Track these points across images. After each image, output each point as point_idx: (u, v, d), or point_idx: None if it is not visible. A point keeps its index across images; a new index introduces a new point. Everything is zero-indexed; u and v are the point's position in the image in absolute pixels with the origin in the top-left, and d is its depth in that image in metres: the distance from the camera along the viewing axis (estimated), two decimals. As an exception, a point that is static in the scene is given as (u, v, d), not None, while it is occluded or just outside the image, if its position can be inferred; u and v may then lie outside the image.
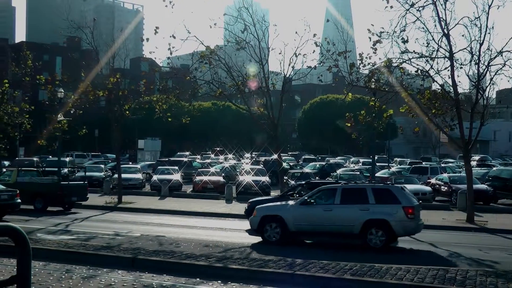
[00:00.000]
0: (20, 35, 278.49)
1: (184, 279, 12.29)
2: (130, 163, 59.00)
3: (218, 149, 75.43)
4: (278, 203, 21.03)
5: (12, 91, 37.43)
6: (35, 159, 51.45)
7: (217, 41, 33.33)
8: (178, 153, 76.29)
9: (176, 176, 41.83)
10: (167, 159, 56.93)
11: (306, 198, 19.42)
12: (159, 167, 46.21)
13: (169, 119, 31.16)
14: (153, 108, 31.33)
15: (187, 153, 76.20)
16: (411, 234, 18.81)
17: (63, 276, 12.28)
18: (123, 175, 36.14)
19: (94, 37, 32.54)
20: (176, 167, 45.67)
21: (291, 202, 19.99)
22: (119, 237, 18.57)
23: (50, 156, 55.61)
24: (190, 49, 31.55)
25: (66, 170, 45.00)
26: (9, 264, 13.44)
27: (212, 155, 72.53)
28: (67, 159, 52.79)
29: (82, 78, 33.53)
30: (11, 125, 35.28)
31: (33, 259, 3.21)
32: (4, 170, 36.46)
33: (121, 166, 35.75)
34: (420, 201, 20.91)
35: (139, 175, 43.12)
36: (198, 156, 69.91)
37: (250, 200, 24.67)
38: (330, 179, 36.80)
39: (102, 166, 49.33)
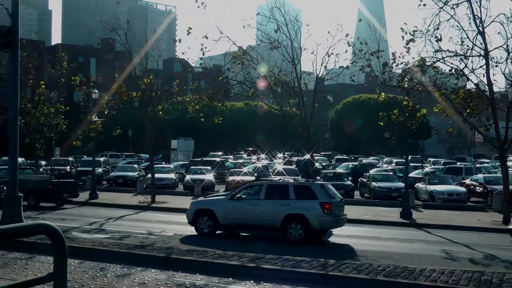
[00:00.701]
0: (56, 38, 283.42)
1: (217, 278, 12.34)
2: (164, 163, 59.46)
3: (250, 149, 75.56)
4: (211, 198, 22.33)
5: (48, 93, 38.12)
6: (70, 159, 52.23)
7: (250, 41, 33.42)
8: (211, 153, 76.62)
9: (209, 176, 42.00)
10: (200, 159, 57.21)
11: (233, 193, 20.77)
12: (192, 167, 46.45)
13: (202, 120, 31.33)
14: (186, 108, 31.55)
15: (220, 153, 76.48)
16: (328, 228, 19.82)
17: (98, 274, 12.44)
18: (157, 175, 36.44)
19: (127, 38, 32.90)
20: (209, 167, 45.87)
21: (222, 198, 21.27)
22: (152, 236, 18.74)
23: (85, 156, 56.35)
24: (222, 49, 31.69)
25: (100, 170, 45.63)
26: (46, 261, 13.68)
27: (245, 155, 72.66)
28: (102, 159, 53.39)
29: (116, 79, 33.92)
30: (47, 126, 35.91)
31: (68, 257, 3.27)
32: (41, 169, 37.23)
33: (155, 166, 36.06)
34: (342, 199, 21.33)
35: (172, 175, 43.43)
36: (231, 156, 70.10)
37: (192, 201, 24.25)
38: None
39: (136, 166, 49.81)
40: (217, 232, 20.13)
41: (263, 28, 30.98)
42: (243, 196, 20.33)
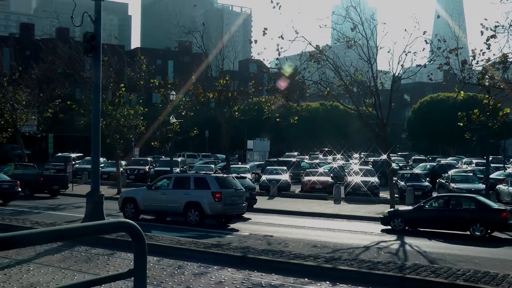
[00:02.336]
0: (135, 42, 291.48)
1: (293, 278, 12.34)
2: (240, 163, 60.00)
3: (326, 149, 75.11)
4: (134, 188, 27.61)
5: (128, 95, 39.17)
6: (149, 159, 53.56)
7: (325, 41, 33.16)
8: (287, 153, 76.65)
9: (285, 176, 42.05)
10: (275, 159, 57.35)
11: (150, 183, 25.46)
12: (268, 167, 46.63)
13: (278, 120, 31.43)
14: (262, 108, 31.73)
15: (296, 153, 76.42)
16: (219, 214, 22.71)
17: (176, 272, 12.70)
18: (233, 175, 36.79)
19: (204, 40, 33.44)
20: (285, 167, 45.92)
21: (143, 188, 25.44)
22: (228, 235, 18.96)
23: (163, 156, 57.68)
24: (298, 49, 31.66)
25: (178, 169, 46.55)
26: (126, 258, 14.10)
27: (320, 155, 72.30)
28: (179, 159, 54.49)
29: (193, 81, 34.50)
30: (127, 127, 36.93)
31: (148, 254, 3.36)
32: (121, 169, 38.42)
33: (231, 166, 36.43)
34: (240, 189, 23.91)
35: (248, 175, 43.76)
36: (306, 156, 69.93)
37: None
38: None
39: (213, 166, 50.49)
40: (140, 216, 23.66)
41: (338, 27, 30.72)
42: (156, 186, 24.40)
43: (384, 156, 31.52)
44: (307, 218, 26.65)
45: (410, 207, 24.42)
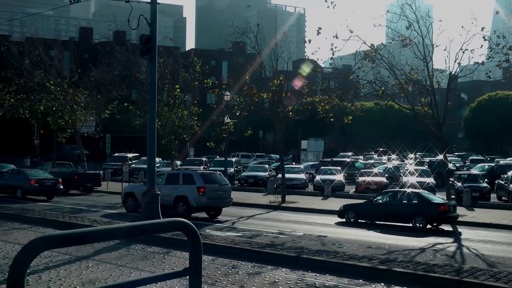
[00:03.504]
0: (189, 43, 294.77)
1: (347, 280, 12.27)
2: (294, 163, 59.90)
3: (381, 149, 74.22)
4: (134, 184, 31.01)
5: (183, 96, 39.69)
6: (203, 159, 54.11)
7: (380, 40, 32.80)
8: (341, 153, 76.15)
9: (339, 177, 41.79)
10: (329, 160, 57.06)
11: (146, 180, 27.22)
12: (322, 167, 46.46)
13: (332, 120, 31.25)
14: (316, 108, 31.59)
15: (350, 153, 75.82)
16: (205, 207, 24.96)
17: (230, 271, 12.80)
18: (287, 175, 36.81)
19: (257, 41, 33.53)
20: (339, 168, 45.66)
21: (141, 184, 28.86)
22: (282, 235, 18.98)
23: (218, 157, 58.17)
24: (352, 48, 31.40)
25: (232, 170, 46.90)
26: (181, 256, 14.30)
27: (375, 156, 71.48)
28: (233, 159, 54.86)
29: (247, 81, 34.66)
30: (181, 127, 37.41)
31: (203, 253, 3.42)
32: (176, 169, 38.89)
33: (285, 166, 36.45)
34: (225, 185, 26.05)
35: (302, 175, 43.69)
36: (361, 157, 69.26)
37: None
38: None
39: (267, 166, 50.63)
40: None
41: (393, 25, 30.30)
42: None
43: (440, 156, 30.92)
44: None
45: (362, 201, 27.11)
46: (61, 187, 33.39)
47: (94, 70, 50.64)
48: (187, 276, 3.33)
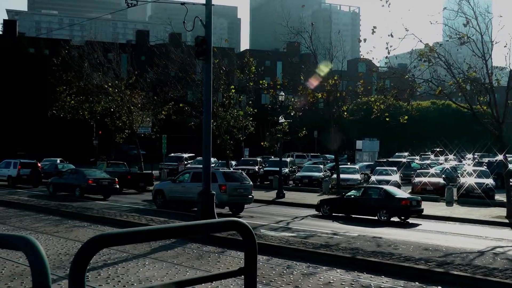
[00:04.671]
0: (244, 44, 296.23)
1: (403, 282, 12.10)
2: (348, 163, 59.46)
3: (437, 149, 72.86)
4: (163, 182, 31.44)
5: (238, 96, 39.93)
6: (258, 159, 54.29)
7: (436, 38, 32.19)
8: (397, 153, 75.13)
9: (395, 177, 41.24)
10: (385, 160, 56.38)
11: (174, 178, 29.92)
12: (377, 168, 45.94)
13: (387, 119, 30.87)
14: (371, 108, 31.29)
15: (406, 153, 74.73)
16: (226, 203, 26.11)
17: (284, 271, 12.81)
18: (342, 176, 36.59)
19: (312, 41, 33.44)
20: (395, 168, 45.06)
21: (169, 181, 29.43)
22: (337, 236, 18.87)
23: (272, 157, 58.26)
24: (408, 47, 30.85)
25: (287, 170, 46.88)
26: (236, 256, 14.40)
27: (432, 156, 70.24)
28: (288, 159, 54.83)
29: (301, 81, 34.60)
30: (236, 128, 37.65)
31: (258, 253, 3.44)
32: (231, 169, 39.19)
33: (340, 166, 36.21)
34: (246, 183, 27.30)
35: (357, 176, 43.33)
36: (417, 157, 68.16)
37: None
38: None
39: (321, 166, 50.42)
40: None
41: (450, 23, 29.68)
42: (179, 180, 28.26)
43: (500, 157, 30.11)
44: (417, 220, 25.97)
45: (336, 197, 29.58)
46: (117, 186, 34.26)
47: (150, 71, 51.50)
48: (242, 276, 3.36)
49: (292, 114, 35.64)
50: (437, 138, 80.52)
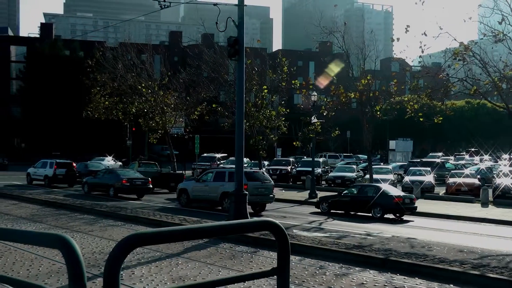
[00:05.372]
0: (276, 44, 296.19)
1: (437, 284, 11.95)
2: (382, 163, 58.99)
3: (472, 149, 71.81)
4: (187, 181, 32.20)
5: (270, 96, 39.94)
6: (291, 159, 54.23)
7: (471, 36, 31.72)
8: (430, 153, 74.34)
9: (428, 178, 40.78)
10: (419, 160, 55.81)
11: (198, 177, 30.98)
12: (410, 168, 45.52)
13: (421, 119, 30.51)
14: (404, 108, 30.98)
15: (440, 153, 73.88)
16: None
17: (317, 272, 12.77)
18: (375, 176, 36.30)
19: (344, 40, 33.26)
20: (428, 168, 44.57)
21: (193, 181, 30.61)
22: (370, 237, 18.73)
23: (305, 157, 58.14)
24: (442, 46, 30.45)
25: (319, 170, 46.73)
26: (269, 256, 14.41)
27: (467, 156, 69.25)
28: (321, 159, 54.66)
29: (334, 81, 34.43)
30: (269, 128, 37.65)
31: (290, 253, 3.44)
32: (264, 169, 39.29)
33: (373, 166, 35.94)
34: (267, 182, 27.94)
35: (390, 176, 42.96)
36: (451, 157, 67.31)
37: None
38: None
39: (354, 166, 50.14)
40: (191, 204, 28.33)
41: (485, 20, 29.18)
42: (202, 179, 29.12)
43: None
44: (452, 222, 25.66)
45: (334, 194, 30.88)
46: (151, 186, 34.60)
47: (183, 72, 51.82)
48: (275, 276, 3.36)
49: (324, 114, 35.46)
50: (472, 138, 79.43)
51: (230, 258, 14.23)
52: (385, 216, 26.19)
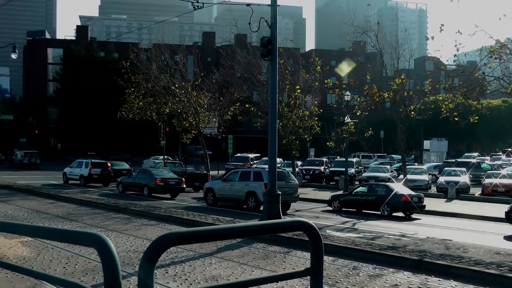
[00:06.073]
0: (309, 44, 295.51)
1: (472, 286, 11.77)
2: (416, 164, 58.36)
3: (509, 149, 70.56)
4: (213, 180, 32.16)
5: (303, 96, 39.86)
6: (324, 159, 54.03)
7: (508, 33, 31.15)
8: (466, 154, 73.28)
9: (464, 178, 40.21)
10: (454, 160, 55.07)
11: (224, 176, 30.95)
12: (445, 168, 44.96)
13: (456, 119, 30.12)
14: (439, 108, 30.61)
15: (475, 154, 72.79)
16: None
17: (350, 273, 12.70)
18: (409, 176, 35.96)
19: (378, 40, 33.01)
20: (464, 169, 43.95)
21: (219, 180, 30.54)
22: (404, 238, 18.55)
23: (338, 157, 57.86)
24: (477, 44, 30.00)
25: (353, 170, 46.47)
26: (302, 256, 14.37)
27: (503, 156, 68.07)
28: (354, 159, 54.35)
29: (368, 81, 34.20)
30: (302, 128, 37.58)
31: (323, 254, 3.43)
32: (297, 169, 39.21)
33: (407, 167, 35.60)
34: (291, 182, 28.27)
35: (425, 177, 42.50)
36: (487, 157, 66.23)
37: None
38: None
39: (388, 166, 49.73)
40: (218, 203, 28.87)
41: (524, 19, 28.66)
42: (228, 178, 29.44)
43: None
44: (489, 223, 25.25)
45: (345, 192, 31.82)
46: (184, 185, 34.82)
47: (216, 72, 52.10)
48: (308, 276, 3.36)
49: (358, 114, 35.27)
50: (509, 138, 78.00)
51: (263, 258, 14.24)
52: (394, 214, 26.81)
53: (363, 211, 28.10)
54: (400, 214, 27.30)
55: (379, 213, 26.97)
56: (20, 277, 10.55)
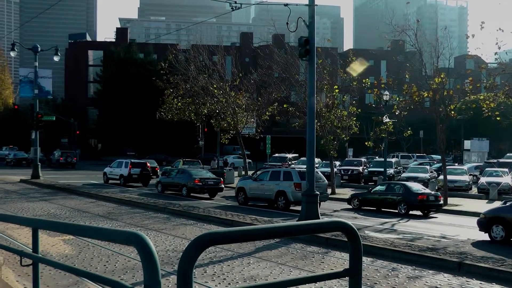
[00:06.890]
0: (347, 44, 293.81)
1: (516, 289, 11.54)
2: (456, 164, 57.45)
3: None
4: (244, 180, 32.04)
5: (341, 96, 39.63)
6: (362, 159, 53.62)
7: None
8: (508, 154, 71.75)
9: (506, 179, 39.41)
10: (495, 161, 53.99)
11: (255, 176, 30.93)
12: (487, 169, 44.13)
13: (498, 118, 29.55)
14: (480, 107, 30.07)
15: (518, 154, 71.21)
16: (299, 201, 24.29)
17: (389, 274, 12.58)
18: (449, 177, 35.39)
19: (417, 38, 32.58)
20: (506, 169, 43.06)
21: (250, 180, 30.71)
22: (445, 239, 18.30)
23: (377, 157, 57.34)
24: (520, 42, 29.34)
25: (392, 170, 46.01)
26: (340, 257, 14.30)
27: (548, 157, 66.41)
28: (393, 160, 53.78)
29: (407, 80, 33.81)
30: (340, 128, 37.36)
31: (362, 255, 3.41)
32: (336, 169, 39.00)
33: (447, 167, 35.07)
34: (323, 181, 28.87)
35: (465, 177, 41.78)
36: (531, 158, 64.70)
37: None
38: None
39: (427, 167, 49.05)
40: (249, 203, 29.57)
41: None
42: (259, 178, 29.70)
43: None
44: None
45: (364, 191, 32.03)
46: (223, 186, 34.94)
47: (254, 73, 52.18)
48: (347, 277, 3.34)
49: (396, 113, 34.87)
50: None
51: (301, 258, 14.21)
52: (410, 212, 27.32)
53: (382, 209, 28.65)
54: (418, 212, 27.75)
55: (396, 211, 27.50)
56: (62, 274, 10.76)
